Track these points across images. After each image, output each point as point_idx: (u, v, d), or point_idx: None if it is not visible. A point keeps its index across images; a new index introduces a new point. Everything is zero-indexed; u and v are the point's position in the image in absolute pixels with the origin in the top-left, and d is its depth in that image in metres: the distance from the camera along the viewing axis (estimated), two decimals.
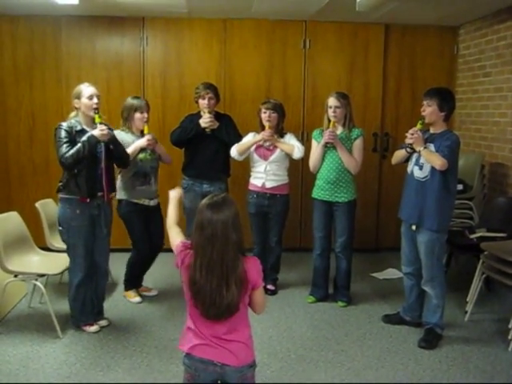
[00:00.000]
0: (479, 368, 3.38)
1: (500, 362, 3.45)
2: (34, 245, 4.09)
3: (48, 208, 4.34)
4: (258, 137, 4.39)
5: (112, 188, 3.83)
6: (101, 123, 3.57)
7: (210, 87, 4.46)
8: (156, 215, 4.38)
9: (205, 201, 2.12)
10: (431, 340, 3.69)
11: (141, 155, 4.18)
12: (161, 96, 5.61)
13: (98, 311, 3.93)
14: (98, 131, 3.53)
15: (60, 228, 3.71)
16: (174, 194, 2.55)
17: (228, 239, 2.04)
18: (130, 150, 4.08)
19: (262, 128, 4.42)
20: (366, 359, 3.49)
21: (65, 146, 3.49)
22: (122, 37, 5.58)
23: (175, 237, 2.31)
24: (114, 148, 3.71)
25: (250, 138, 4.48)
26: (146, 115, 4.22)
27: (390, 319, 4.07)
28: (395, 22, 5.60)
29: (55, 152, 3.56)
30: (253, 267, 2.13)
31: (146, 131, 4.18)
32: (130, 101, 4.25)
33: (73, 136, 3.54)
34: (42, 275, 3.86)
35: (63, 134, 3.51)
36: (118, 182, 4.19)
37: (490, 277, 4.13)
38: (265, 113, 4.38)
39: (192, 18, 5.50)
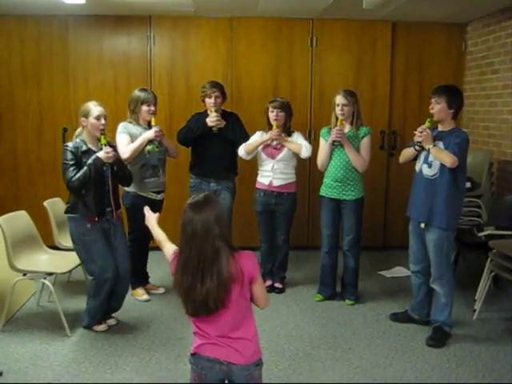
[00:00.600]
0: (488, 367, 3.36)
1: (509, 361, 3.43)
2: (42, 243, 4.12)
3: (56, 207, 4.35)
4: (266, 136, 4.38)
5: (118, 205, 3.83)
6: (106, 145, 3.59)
7: (216, 86, 4.45)
8: (158, 210, 4.39)
9: (188, 201, 2.13)
10: (439, 338, 3.67)
11: (148, 147, 4.19)
12: (168, 94, 5.62)
13: (110, 314, 3.94)
14: (104, 153, 3.56)
15: (75, 246, 3.71)
16: (149, 218, 2.54)
17: (209, 234, 2.03)
18: (137, 142, 4.11)
19: (270, 127, 4.41)
20: (373, 357, 3.49)
21: (71, 169, 3.52)
22: (128, 36, 5.59)
23: (169, 251, 2.32)
24: (118, 169, 3.73)
25: (257, 137, 4.47)
26: (152, 108, 4.23)
27: (397, 317, 4.06)
28: (402, 19, 5.58)
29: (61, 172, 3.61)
30: (247, 261, 2.12)
31: (153, 123, 4.19)
32: (137, 93, 4.26)
33: (79, 157, 3.57)
34: (51, 274, 3.88)
35: (69, 156, 3.54)
36: None
37: (498, 275, 4.10)
38: (272, 111, 4.37)
39: (198, 16, 5.51)
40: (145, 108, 4.21)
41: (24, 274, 3.78)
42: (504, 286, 4.61)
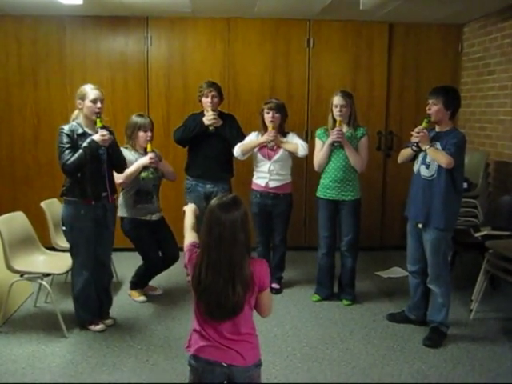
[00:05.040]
0: (484, 366, 3.38)
1: (505, 361, 3.44)
2: (39, 244, 4.11)
3: (53, 208, 4.35)
4: (263, 138, 4.38)
5: (113, 190, 3.84)
6: (102, 127, 3.58)
7: (213, 85, 4.46)
8: (161, 227, 4.40)
9: (214, 201, 2.13)
10: (436, 338, 3.68)
11: (143, 174, 4.18)
12: (165, 95, 5.62)
13: (105, 310, 3.94)
14: (99, 136, 3.55)
15: (63, 228, 3.73)
16: (188, 208, 2.52)
17: (236, 240, 2.05)
18: (132, 168, 4.10)
19: (265, 128, 4.41)
20: (370, 358, 3.49)
21: (66, 152, 3.51)
22: (126, 36, 5.59)
23: (187, 238, 2.32)
24: (113, 153, 3.73)
25: (253, 138, 4.47)
26: (149, 134, 4.22)
27: (394, 318, 4.07)
28: (399, 20, 5.59)
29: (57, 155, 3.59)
30: (261, 269, 2.14)
31: (149, 149, 4.17)
32: (134, 119, 4.26)
33: (74, 140, 3.56)
34: (48, 274, 3.88)
35: (65, 138, 3.53)
36: (120, 200, 4.23)
37: (494, 275, 4.12)
38: (268, 113, 4.37)
39: (196, 17, 5.51)
40: (141, 134, 4.21)
41: (21, 275, 3.77)
42: (500, 286, 4.62)
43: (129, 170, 4.08)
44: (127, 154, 4.17)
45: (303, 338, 3.79)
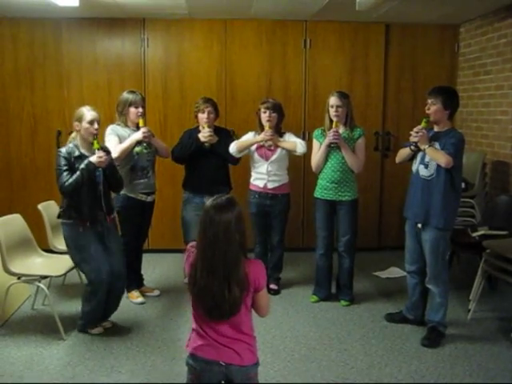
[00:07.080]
0: (482, 366, 3.38)
1: (503, 361, 3.45)
2: (36, 247, 4.10)
3: (50, 210, 4.34)
4: (259, 137, 4.38)
5: (110, 210, 3.83)
6: (99, 149, 3.59)
7: (209, 101, 4.42)
8: (149, 212, 4.47)
9: (209, 202, 2.13)
10: (434, 338, 3.69)
11: (137, 148, 4.19)
12: (162, 97, 5.62)
13: (106, 316, 3.92)
14: (96, 158, 3.56)
15: (69, 249, 3.72)
16: None
17: (231, 240, 2.05)
18: (126, 143, 4.11)
19: (261, 128, 4.41)
20: (368, 358, 3.49)
21: (64, 174, 3.53)
22: (122, 38, 5.59)
23: None
24: (110, 174, 3.74)
25: (250, 137, 4.47)
26: (140, 110, 4.23)
27: (392, 318, 4.07)
28: (396, 20, 5.60)
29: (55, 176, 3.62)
30: (256, 269, 2.14)
31: (141, 124, 4.18)
32: (125, 95, 4.26)
33: (71, 163, 3.58)
34: (45, 277, 3.86)
35: (62, 161, 3.56)
36: None
37: (492, 275, 4.12)
38: (265, 112, 4.37)
39: (192, 18, 5.51)
40: (133, 110, 4.21)
41: (18, 278, 3.77)
42: (498, 285, 4.63)
43: (122, 145, 4.09)
44: (120, 130, 4.19)
45: (301, 338, 3.79)
